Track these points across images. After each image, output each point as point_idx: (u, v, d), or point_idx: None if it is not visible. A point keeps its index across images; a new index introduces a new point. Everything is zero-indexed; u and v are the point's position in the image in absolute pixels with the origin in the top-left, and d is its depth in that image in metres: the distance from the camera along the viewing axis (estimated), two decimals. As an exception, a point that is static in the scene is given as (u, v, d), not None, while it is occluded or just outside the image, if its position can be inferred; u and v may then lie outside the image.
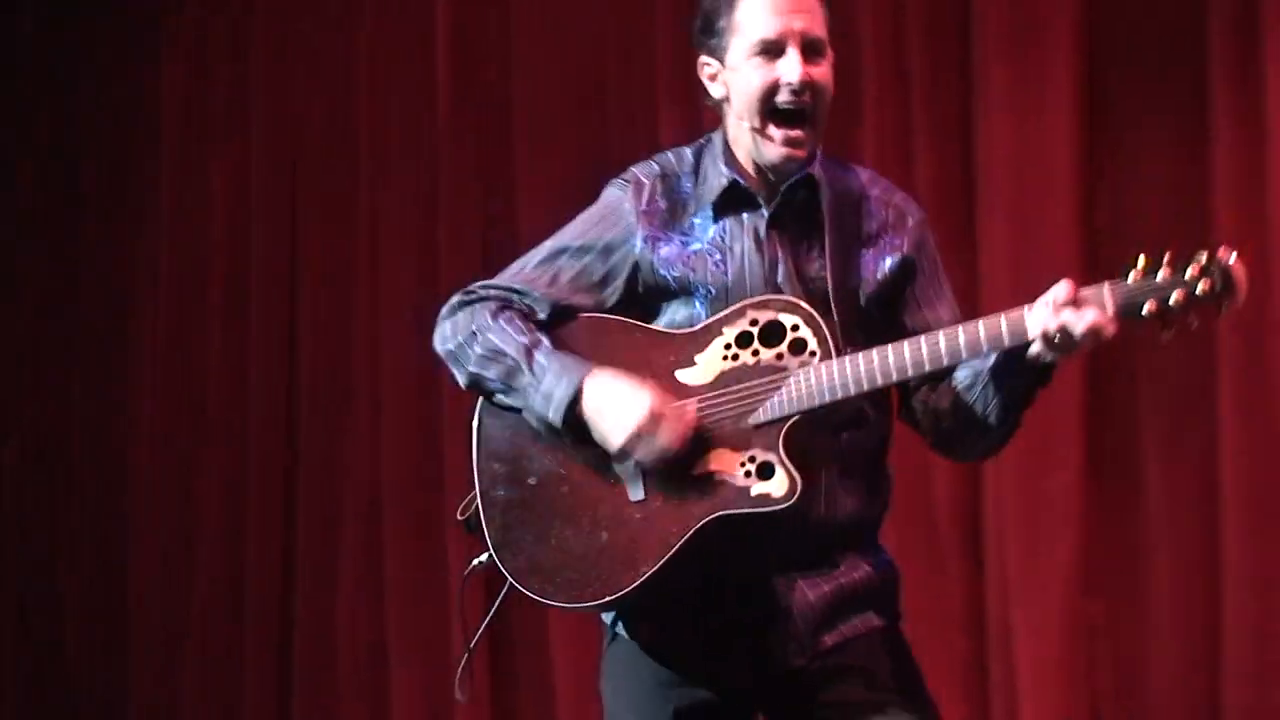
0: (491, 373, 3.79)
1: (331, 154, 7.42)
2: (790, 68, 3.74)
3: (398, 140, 7.27)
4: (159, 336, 7.76)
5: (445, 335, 3.88)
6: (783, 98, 3.75)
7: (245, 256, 7.57)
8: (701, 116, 6.32)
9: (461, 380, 3.86)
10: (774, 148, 3.78)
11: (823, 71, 3.76)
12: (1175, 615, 6.02)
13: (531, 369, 3.75)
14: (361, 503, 7.25)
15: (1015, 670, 6.16)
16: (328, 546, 7.34)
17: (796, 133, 3.75)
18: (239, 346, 7.54)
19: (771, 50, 3.76)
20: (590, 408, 3.68)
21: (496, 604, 3.92)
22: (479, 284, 3.91)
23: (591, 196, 6.29)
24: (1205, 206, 5.86)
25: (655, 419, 3.63)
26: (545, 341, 3.78)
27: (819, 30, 3.78)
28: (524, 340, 3.78)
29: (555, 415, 3.70)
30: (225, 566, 7.53)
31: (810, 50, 3.77)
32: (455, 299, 3.90)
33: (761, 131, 3.79)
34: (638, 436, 3.63)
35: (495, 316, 3.83)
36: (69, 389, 7.97)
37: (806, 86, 3.73)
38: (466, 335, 3.84)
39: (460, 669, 3.91)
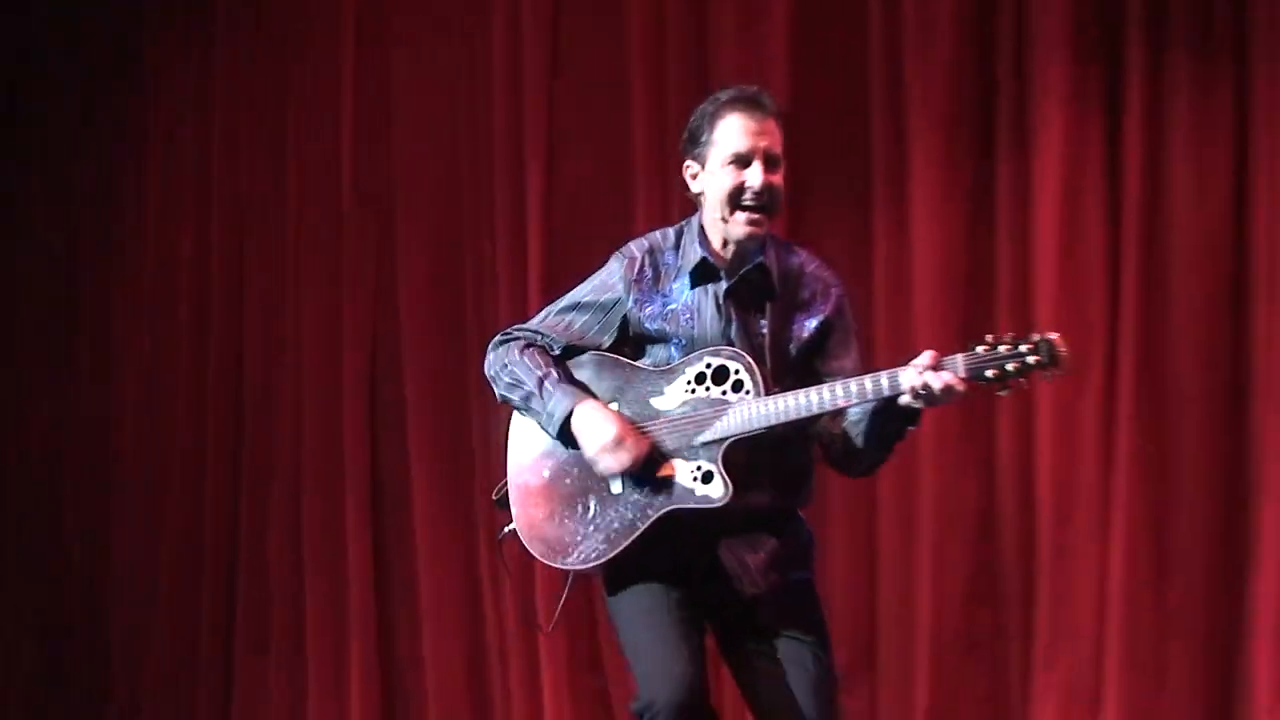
0: (515, 396, 4.08)
1: (269, 220, 7.49)
2: (755, 176, 3.97)
3: (314, 215, 7.36)
4: (143, 352, 7.80)
5: (489, 363, 4.17)
6: (747, 198, 3.98)
7: (206, 293, 7.58)
8: (524, 214, 6.65)
9: (497, 397, 4.17)
10: (740, 226, 3.98)
11: (778, 178, 4.01)
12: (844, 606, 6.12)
13: (542, 395, 4.02)
14: (288, 476, 7.36)
15: None
16: (262, 507, 7.42)
17: (756, 216, 3.97)
18: (201, 362, 7.61)
19: (741, 161, 3.99)
20: (576, 427, 3.96)
21: (570, 580, 4.15)
22: (516, 327, 4.20)
23: (442, 265, 6.76)
24: (869, 290, 5.97)
25: (618, 443, 3.91)
26: (554, 374, 4.05)
27: (777, 148, 4.02)
28: (539, 374, 4.04)
29: (553, 430, 4.01)
30: (187, 523, 7.57)
31: (770, 162, 4.00)
32: (498, 337, 4.20)
33: (728, 220, 4.00)
34: (603, 453, 3.91)
35: (522, 354, 4.10)
36: (70, 386, 7.93)
37: (766, 190, 3.97)
38: (500, 366, 4.11)
39: (557, 609, 4.15)
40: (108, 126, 7.98)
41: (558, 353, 4.12)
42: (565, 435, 4.00)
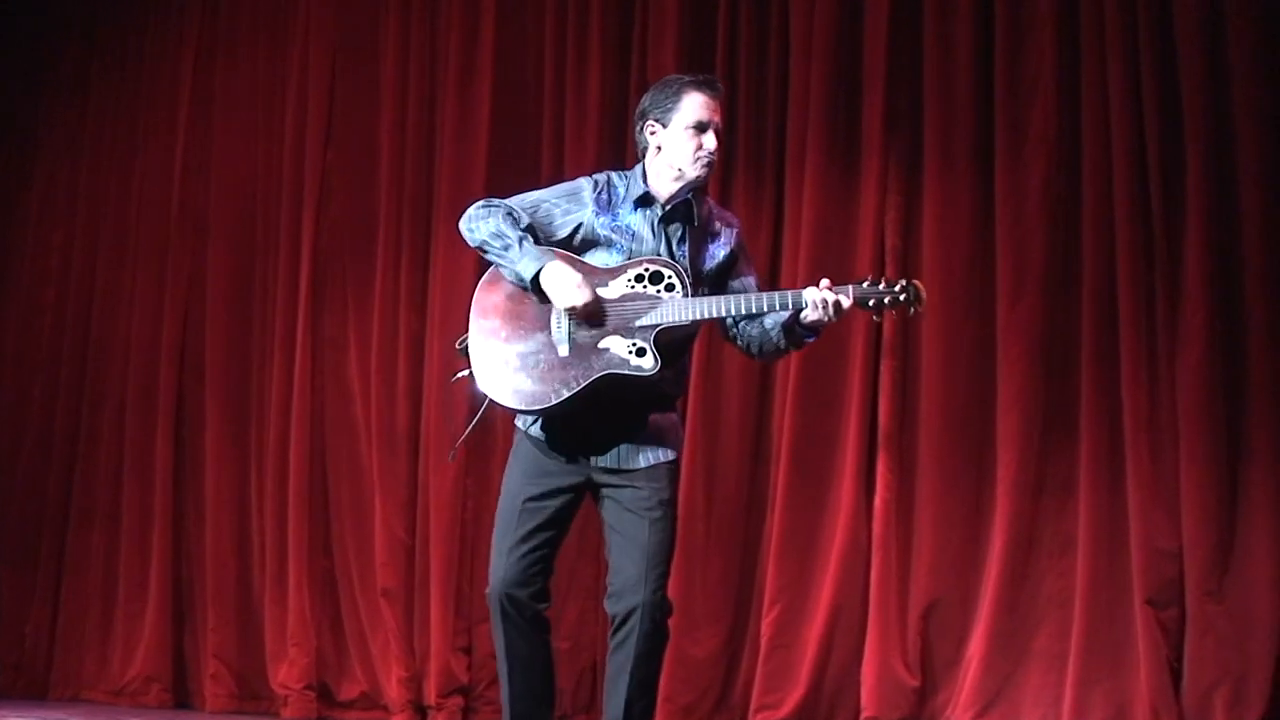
0: (496, 244, 3.71)
1: (115, 230, 7.30)
2: (710, 141, 3.79)
3: (146, 220, 7.18)
4: (18, 315, 7.45)
5: (470, 218, 3.79)
6: (702, 156, 3.79)
7: (67, 271, 7.39)
8: (299, 240, 6.55)
9: (472, 243, 3.77)
10: (695, 169, 3.78)
11: (719, 145, 3.82)
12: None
13: (520, 248, 3.69)
14: (116, 403, 7.11)
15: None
16: (97, 425, 7.17)
17: (707, 169, 3.81)
18: (59, 324, 7.34)
19: (699, 128, 3.79)
20: (547, 276, 3.65)
21: (483, 409, 3.82)
22: (493, 199, 3.84)
23: (239, 269, 6.66)
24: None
25: (579, 286, 3.64)
26: (530, 237, 3.73)
27: (721, 123, 3.84)
28: (519, 233, 3.72)
29: (528, 277, 3.66)
30: (43, 429, 7.27)
31: (717, 134, 3.82)
32: (480, 203, 3.82)
33: (685, 169, 3.79)
34: (568, 291, 3.63)
35: (503, 218, 3.75)
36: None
37: (713, 152, 3.81)
38: (483, 219, 3.76)
39: (455, 444, 3.78)
40: (7, 147, 7.69)
41: (524, 228, 3.78)
42: (535, 285, 3.70)
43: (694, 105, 3.81)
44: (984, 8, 5.58)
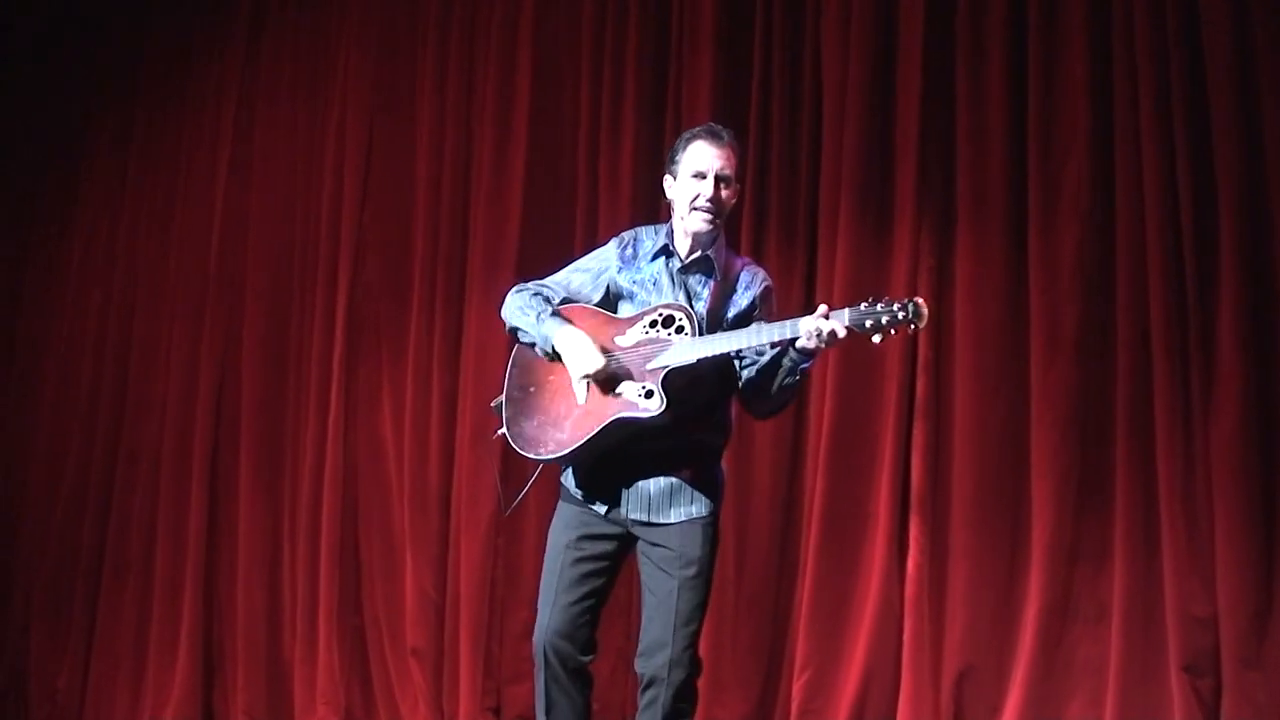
0: (520, 323, 3.90)
1: (153, 288, 7.35)
2: (706, 188, 3.88)
3: (184, 279, 7.24)
4: (57, 371, 7.55)
5: (507, 304, 3.98)
6: (699, 202, 3.89)
7: (104, 328, 7.46)
8: (334, 298, 6.60)
9: (507, 327, 3.97)
10: (696, 221, 3.88)
11: (727, 194, 3.89)
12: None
13: (538, 321, 3.86)
14: (150, 460, 7.17)
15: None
16: (131, 480, 7.24)
17: (707, 216, 3.89)
18: (97, 379, 7.40)
19: (700, 175, 3.89)
20: (559, 342, 3.81)
21: (538, 471, 3.99)
22: (532, 281, 4.02)
23: (275, 326, 6.66)
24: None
25: (589, 352, 3.77)
26: (549, 309, 3.88)
27: (729, 170, 3.89)
28: (539, 310, 3.89)
29: (546, 346, 3.85)
30: (77, 483, 7.35)
31: (721, 180, 3.88)
32: (515, 288, 4.01)
33: (686, 217, 3.89)
34: (578, 355, 3.76)
35: (530, 298, 3.94)
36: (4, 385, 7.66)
37: (714, 199, 3.87)
38: (514, 306, 3.95)
39: (516, 500, 3.94)
40: (50, 205, 7.79)
41: (558, 301, 3.93)
42: (552, 352, 3.84)
43: (694, 153, 3.91)
44: (1017, 69, 5.58)
